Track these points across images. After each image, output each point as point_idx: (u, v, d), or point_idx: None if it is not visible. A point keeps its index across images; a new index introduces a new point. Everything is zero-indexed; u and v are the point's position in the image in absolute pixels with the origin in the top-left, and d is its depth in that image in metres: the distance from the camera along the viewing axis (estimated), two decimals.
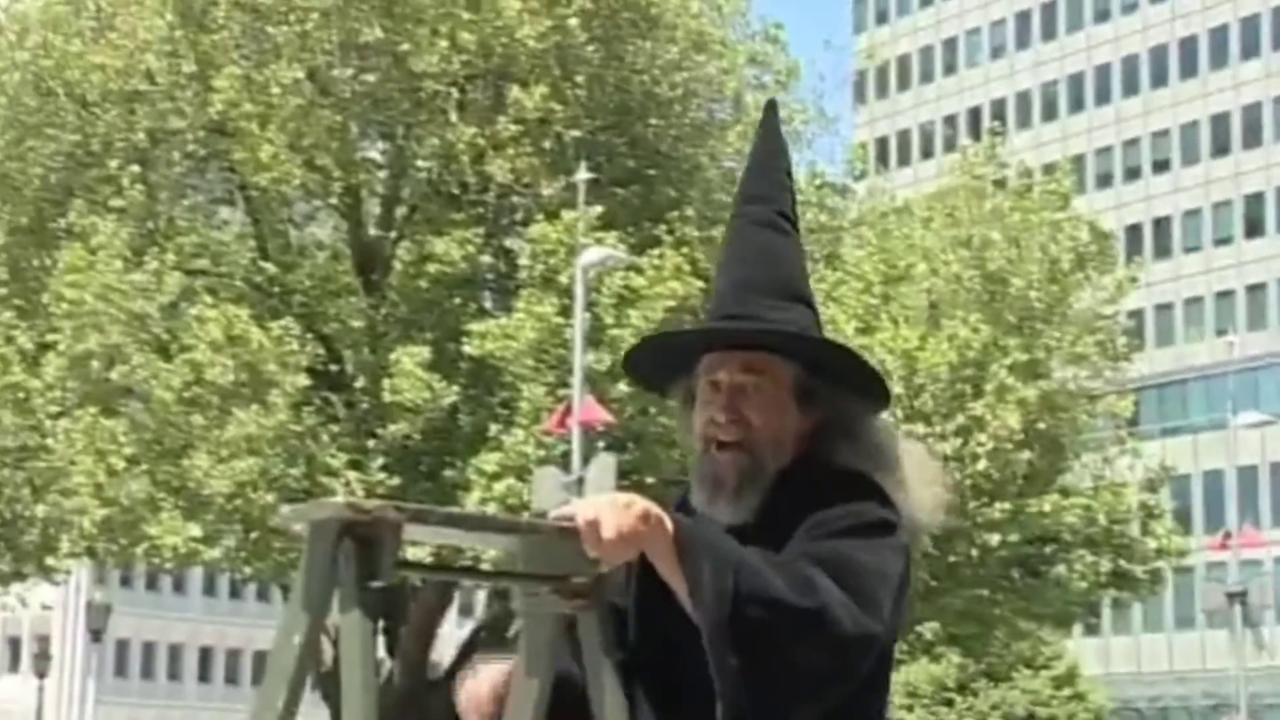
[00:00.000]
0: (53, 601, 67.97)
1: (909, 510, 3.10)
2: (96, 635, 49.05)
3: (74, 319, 25.90)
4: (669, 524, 2.81)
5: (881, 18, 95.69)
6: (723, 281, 3.24)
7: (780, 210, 3.32)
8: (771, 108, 3.46)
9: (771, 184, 3.35)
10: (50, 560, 28.03)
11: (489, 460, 25.52)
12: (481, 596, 30.08)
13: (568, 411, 24.68)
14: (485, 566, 4.53)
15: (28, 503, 27.09)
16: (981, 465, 28.00)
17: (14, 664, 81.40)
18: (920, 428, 27.39)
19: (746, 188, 3.34)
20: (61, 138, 28.02)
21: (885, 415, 3.29)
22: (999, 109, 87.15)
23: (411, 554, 2.96)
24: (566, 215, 26.12)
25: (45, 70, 27.96)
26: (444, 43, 26.86)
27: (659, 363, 3.29)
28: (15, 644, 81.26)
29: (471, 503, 24.78)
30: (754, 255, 3.25)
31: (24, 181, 28.29)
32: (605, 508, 2.77)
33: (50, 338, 26.73)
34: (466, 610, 49.76)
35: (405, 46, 26.77)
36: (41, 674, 51.28)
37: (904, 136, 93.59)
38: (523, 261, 27.30)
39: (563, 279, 25.99)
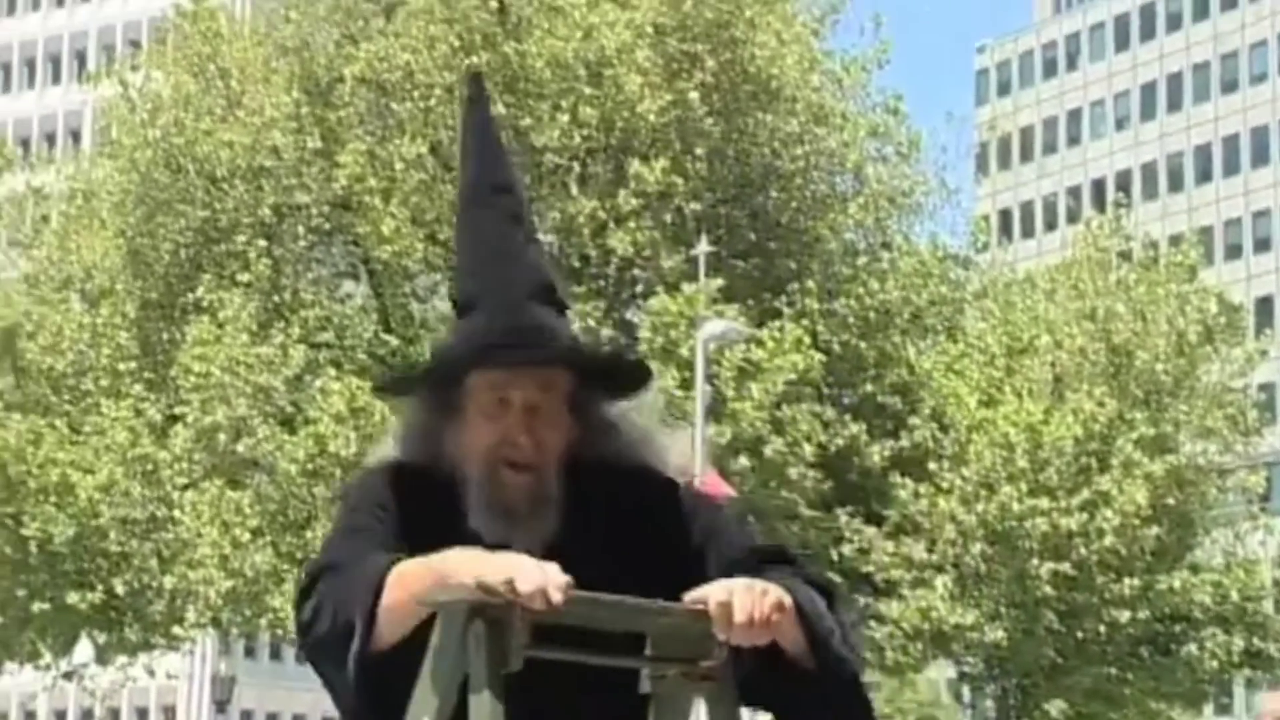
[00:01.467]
0: (178, 672, 68.63)
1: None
2: (221, 706, 49.40)
3: (201, 392, 26.25)
4: (789, 602, 2.74)
5: (1004, 89, 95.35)
6: (485, 283, 3.00)
7: (524, 204, 3.13)
8: (477, 80, 3.25)
9: (510, 173, 3.14)
10: (177, 630, 28.30)
11: None
12: None
13: (688, 485, 24.59)
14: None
15: (155, 573, 27.41)
16: (1109, 541, 27.57)
17: None
18: (1045, 502, 27.05)
19: (487, 175, 3.08)
20: (191, 213, 28.51)
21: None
22: (1124, 180, 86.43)
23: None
24: (687, 288, 26.15)
25: (176, 147, 28.50)
26: (565, 117, 27.07)
27: (412, 381, 3.11)
28: (143, 714, 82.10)
29: None
30: (516, 255, 3.04)
31: (154, 257, 28.81)
32: (740, 592, 2.71)
33: (178, 410, 27.11)
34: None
35: (527, 121, 27.00)
36: None
37: (1027, 208, 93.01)
38: (643, 334, 27.34)
39: (683, 352, 25.97)
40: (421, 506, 2.95)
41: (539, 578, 2.56)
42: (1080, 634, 28.37)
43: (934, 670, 41.35)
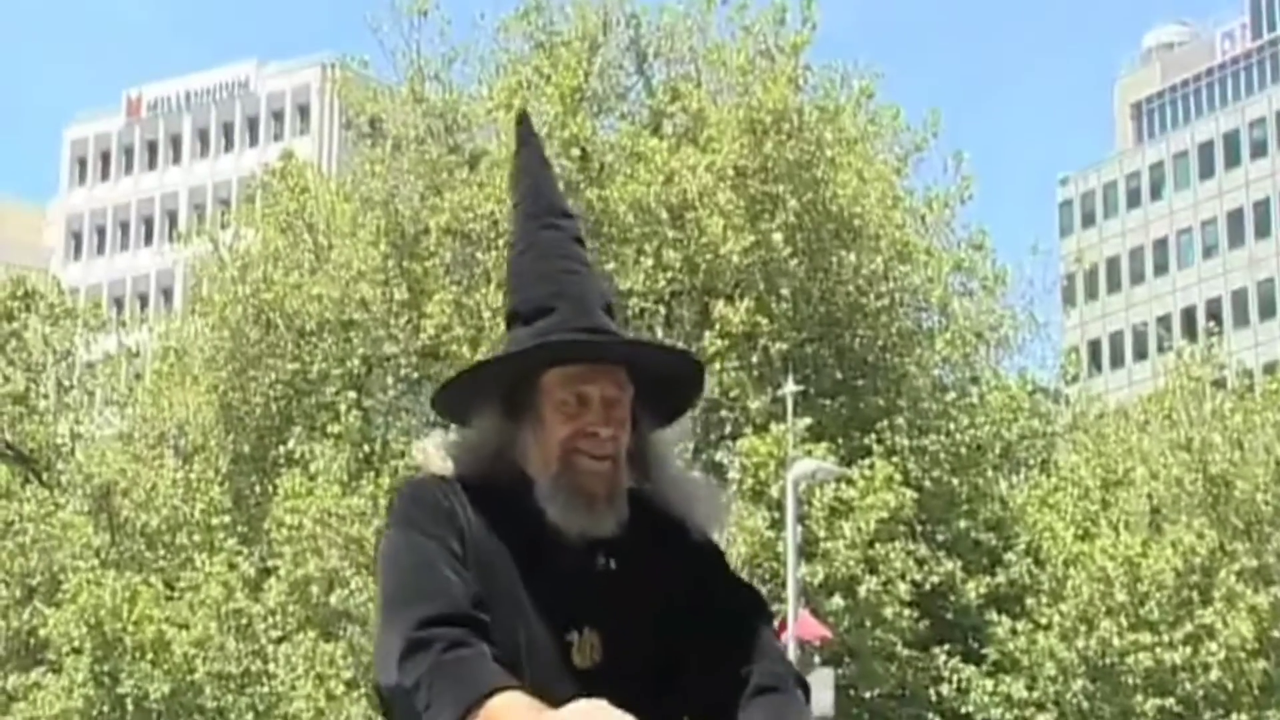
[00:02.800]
0: None
1: None
2: None
3: (294, 544, 26.34)
4: None
5: (1088, 220, 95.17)
6: (560, 288, 3.15)
7: (582, 232, 3.33)
8: (524, 119, 3.42)
9: (567, 203, 3.36)
10: None
11: None
12: None
13: (783, 626, 24.34)
14: None
15: None
16: (1214, 675, 26.99)
17: None
18: (1146, 636, 26.56)
19: (551, 201, 3.29)
20: (280, 367, 28.80)
21: None
22: (1214, 308, 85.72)
23: None
24: (775, 428, 26.06)
25: (265, 303, 28.87)
26: (649, 261, 27.22)
27: (478, 384, 3.19)
28: None
29: None
30: (586, 270, 3.23)
31: (246, 411, 29.08)
32: None
33: (271, 563, 27.19)
34: None
35: (611, 265, 27.16)
36: None
37: (1116, 339, 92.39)
38: (732, 475, 27.21)
39: (773, 492, 25.83)
40: (487, 511, 3.05)
41: None
42: None
43: None
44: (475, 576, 2.96)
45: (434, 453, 3.14)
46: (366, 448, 28.24)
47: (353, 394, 28.03)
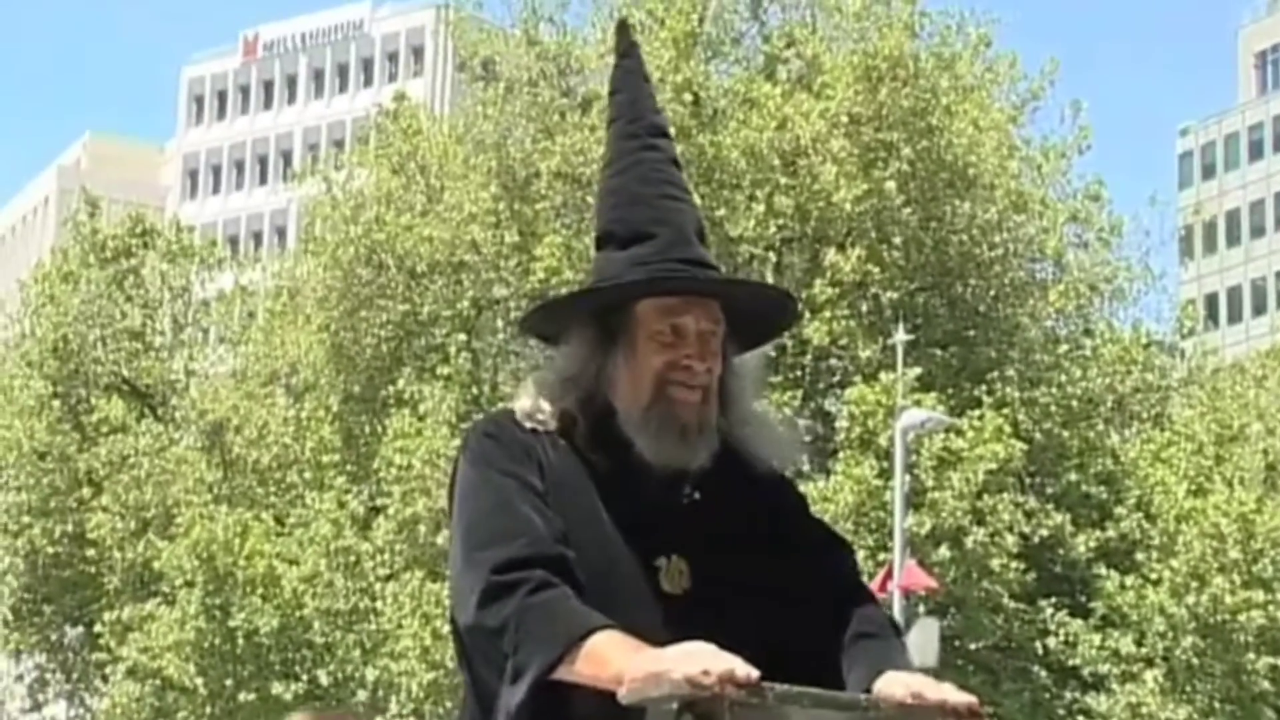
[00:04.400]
0: None
1: None
2: None
3: (403, 484, 26.57)
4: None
5: (1208, 172, 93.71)
6: (659, 214, 3.09)
7: (676, 151, 3.27)
8: (623, 28, 3.39)
9: (664, 119, 3.28)
10: None
11: None
12: None
13: (889, 575, 24.25)
14: None
15: (358, 665, 27.69)
16: None
17: None
18: (1259, 594, 26.24)
19: (649, 117, 3.21)
20: (391, 308, 29.00)
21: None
22: None
23: None
24: (885, 377, 25.93)
25: (377, 243, 29.05)
26: (760, 207, 27.11)
27: (570, 307, 3.17)
28: None
29: None
30: (683, 195, 3.18)
31: (356, 351, 29.33)
32: (950, 692, 2.76)
33: (380, 502, 27.46)
34: None
35: (722, 211, 27.08)
36: None
37: (1234, 293, 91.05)
38: (841, 424, 27.13)
39: (881, 441, 25.72)
40: (569, 441, 3.02)
41: (736, 661, 2.59)
42: None
43: None
44: (556, 508, 2.93)
45: (522, 396, 3.10)
46: (475, 390, 28.40)
47: (462, 336, 28.19)
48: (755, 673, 2.57)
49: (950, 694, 2.73)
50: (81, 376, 33.20)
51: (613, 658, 2.70)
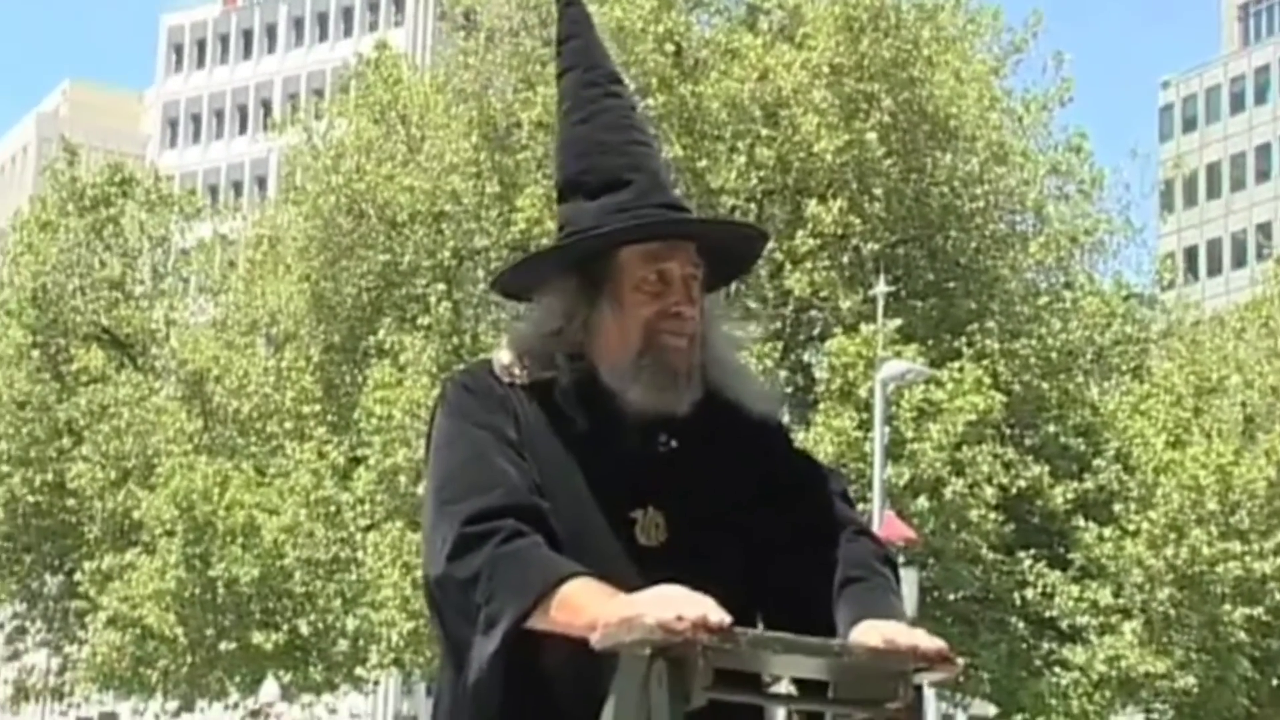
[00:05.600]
0: (362, 710, 69.47)
1: None
2: None
3: (383, 434, 26.57)
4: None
5: (1189, 125, 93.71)
6: (632, 161, 3.07)
7: (634, 98, 3.26)
8: None
9: (616, 66, 3.26)
10: (360, 671, 28.62)
11: None
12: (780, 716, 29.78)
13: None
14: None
15: (338, 614, 27.75)
16: None
17: None
18: (1237, 545, 26.39)
19: (607, 66, 3.19)
20: (372, 258, 28.94)
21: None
22: None
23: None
24: (865, 329, 25.96)
25: (358, 193, 28.97)
26: (741, 159, 27.06)
27: (548, 259, 3.13)
28: None
29: None
30: (651, 141, 3.17)
31: (337, 301, 29.28)
32: (921, 638, 2.75)
33: (360, 453, 27.46)
34: None
35: (703, 163, 27.03)
36: None
37: (1214, 246, 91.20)
38: (820, 375, 27.17)
39: (861, 392, 25.77)
40: (545, 393, 3.00)
41: (710, 606, 2.59)
42: (1276, 681, 27.61)
43: (1122, 718, 40.40)
44: (531, 462, 2.92)
45: (501, 349, 3.09)
46: (456, 340, 28.38)
47: (443, 286, 28.14)
48: (728, 618, 2.57)
49: (921, 640, 2.73)
50: (61, 326, 33.11)
51: (586, 605, 2.69)
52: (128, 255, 34.53)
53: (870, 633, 2.74)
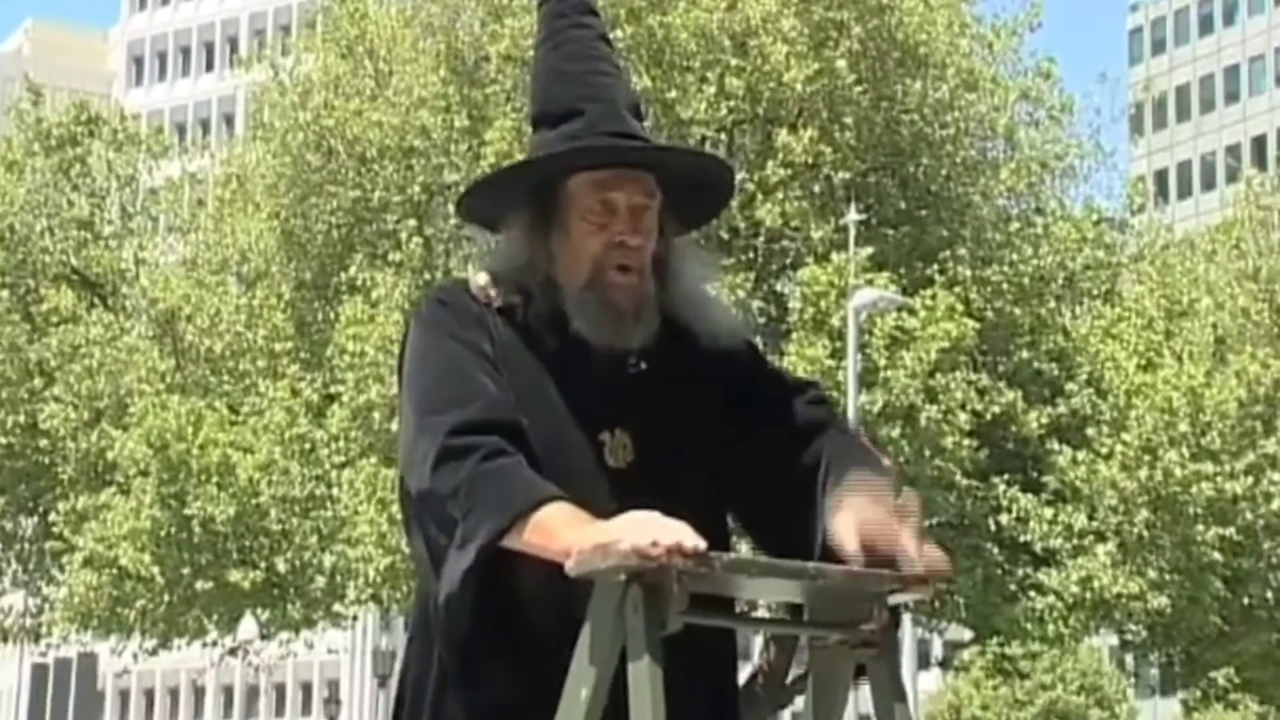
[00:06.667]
0: (341, 646, 69.79)
1: None
2: (383, 680, 50.09)
3: (356, 371, 26.53)
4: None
5: (1158, 48, 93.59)
6: (588, 90, 3.07)
7: (606, 28, 3.26)
8: None
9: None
10: (338, 607, 28.69)
11: None
12: (758, 641, 29.95)
13: None
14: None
15: (315, 551, 27.78)
16: (1276, 505, 27.04)
17: (306, 708, 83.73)
18: (1209, 466, 26.54)
19: None
20: (342, 194, 28.81)
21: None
22: None
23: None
24: (837, 258, 25.97)
25: (326, 129, 28.80)
26: (711, 89, 26.97)
27: (505, 190, 3.12)
28: (307, 688, 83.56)
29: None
30: (614, 71, 3.15)
31: (307, 238, 29.16)
32: (901, 551, 2.73)
33: (334, 390, 27.43)
34: (742, 655, 49.58)
35: (673, 94, 26.93)
36: (332, 718, 52.64)
37: (1184, 169, 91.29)
38: (793, 305, 27.19)
39: (834, 321, 25.81)
40: (517, 315, 3.03)
41: (684, 531, 2.59)
42: (1247, 600, 27.84)
43: (1096, 639, 40.80)
44: (506, 379, 2.94)
45: (476, 274, 3.13)
46: (428, 275, 28.30)
47: (414, 222, 28.04)
48: (703, 543, 2.58)
49: (903, 555, 2.69)
50: (30, 266, 32.94)
51: (561, 530, 2.70)
52: (95, 195, 34.32)
53: (848, 540, 2.73)
